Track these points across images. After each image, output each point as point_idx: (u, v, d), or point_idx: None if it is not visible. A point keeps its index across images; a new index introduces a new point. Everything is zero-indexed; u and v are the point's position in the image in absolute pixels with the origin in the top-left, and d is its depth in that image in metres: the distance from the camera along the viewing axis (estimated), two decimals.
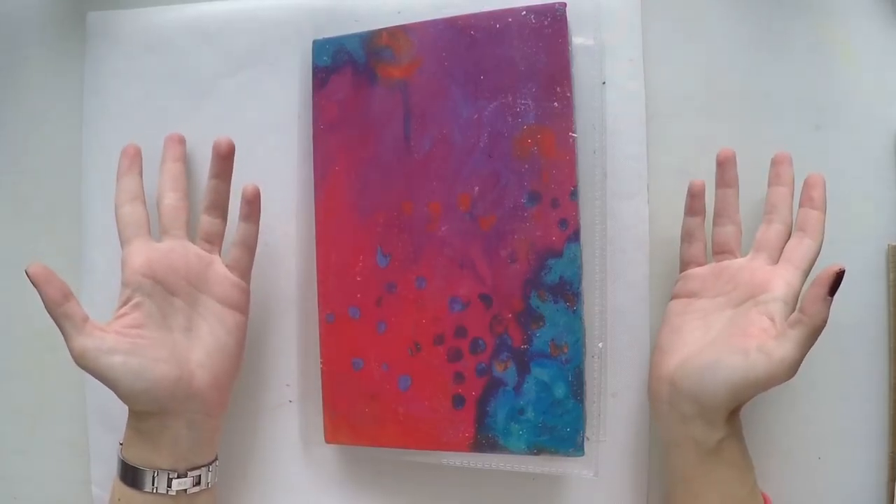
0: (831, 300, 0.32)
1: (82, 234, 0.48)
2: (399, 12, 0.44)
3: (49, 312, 0.36)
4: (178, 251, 0.41)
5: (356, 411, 0.42)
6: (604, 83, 0.41)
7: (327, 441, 0.43)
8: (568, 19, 0.39)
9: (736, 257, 0.40)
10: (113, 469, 0.40)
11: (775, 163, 0.40)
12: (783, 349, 0.33)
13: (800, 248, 0.38)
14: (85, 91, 0.49)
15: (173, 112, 0.47)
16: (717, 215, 0.40)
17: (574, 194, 0.38)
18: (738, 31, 0.43)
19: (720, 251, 0.40)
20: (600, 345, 0.39)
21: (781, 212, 0.39)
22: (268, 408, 0.46)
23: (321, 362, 0.42)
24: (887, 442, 0.41)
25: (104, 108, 0.48)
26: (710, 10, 0.43)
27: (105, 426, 0.47)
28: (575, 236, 0.38)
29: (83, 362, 0.36)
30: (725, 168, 0.40)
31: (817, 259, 0.38)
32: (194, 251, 0.42)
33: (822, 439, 0.42)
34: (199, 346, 0.40)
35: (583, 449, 0.38)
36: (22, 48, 0.50)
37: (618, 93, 0.42)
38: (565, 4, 0.38)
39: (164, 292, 0.40)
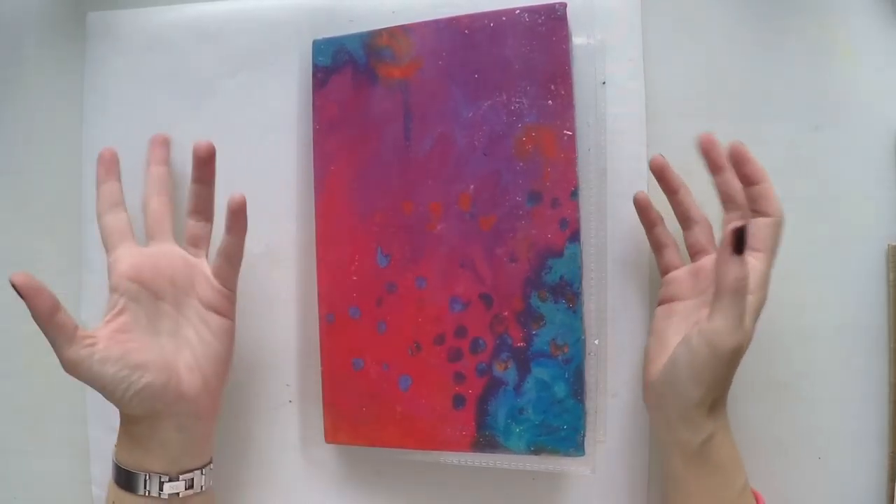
0: (739, 258, 0.31)
1: (82, 234, 0.48)
2: (394, 12, 0.44)
3: (38, 323, 0.35)
4: (164, 255, 0.41)
5: (356, 411, 0.41)
6: (604, 83, 0.41)
7: (327, 441, 0.43)
8: (568, 19, 0.39)
9: (710, 253, 0.39)
10: (111, 469, 0.40)
11: (706, 150, 0.38)
12: (714, 323, 0.33)
13: (758, 230, 0.36)
14: (85, 91, 0.49)
15: (173, 112, 0.47)
16: (679, 221, 0.40)
17: (575, 194, 0.38)
18: (738, 31, 0.43)
19: (694, 252, 0.40)
20: (596, 342, 0.39)
21: (733, 200, 0.38)
22: (268, 408, 0.46)
23: (321, 362, 0.42)
24: (887, 442, 0.41)
25: (104, 108, 0.48)
26: (710, 10, 0.43)
27: (105, 426, 0.47)
28: (575, 236, 0.38)
29: (75, 372, 0.36)
30: (665, 174, 0.40)
31: (781, 231, 0.36)
32: (180, 254, 0.42)
33: (822, 439, 0.42)
34: (186, 349, 0.40)
35: (583, 448, 0.38)
36: (22, 48, 0.50)
37: (618, 92, 0.42)
38: (566, 4, 0.38)
39: (150, 296, 0.39)
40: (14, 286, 0.34)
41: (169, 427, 0.38)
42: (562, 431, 0.38)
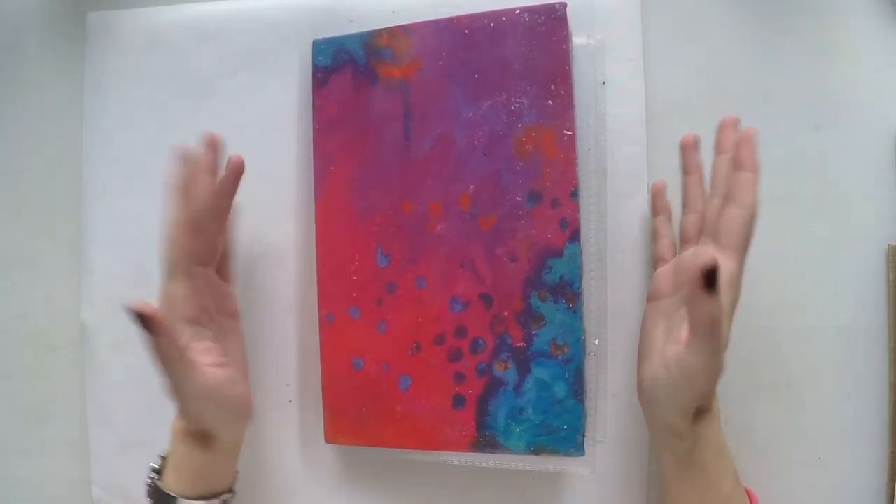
0: (712, 296, 0.28)
1: (82, 234, 0.48)
2: (394, 12, 0.44)
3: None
4: (205, 278, 0.40)
5: (356, 411, 0.41)
6: (604, 83, 0.41)
7: (327, 441, 0.43)
8: (568, 19, 0.39)
9: (695, 245, 0.38)
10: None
11: (719, 128, 0.36)
12: (689, 359, 0.31)
13: (728, 223, 0.34)
14: (85, 91, 0.49)
15: (173, 112, 0.47)
16: (682, 203, 0.39)
17: (575, 194, 0.38)
18: (738, 31, 0.43)
19: (682, 242, 0.39)
20: (596, 342, 0.39)
21: (720, 183, 0.36)
22: (268, 408, 0.46)
23: (321, 362, 0.42)
24: (887, 442, 0.41)
25: (104, 108, 0.48)
26: (710, 10, 0.43)
27: (105, 426, 0.47)
28: (575, 236, 0.38)
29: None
30: (685, 154, 0.39)
31: (753, 229, 0.34)
32: (204, 273, 0.40)
33: (822, 439, 0.42)
34: (236, 364, 0.40)
35: (583, 449, 0.38)
36: (22, 48, 0.51)
37: (618, 92, 0.42)
38: (566, 4, 0.38)
39: (209, 321, 0.40)
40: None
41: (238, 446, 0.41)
42: (562, 431, 0.38)
